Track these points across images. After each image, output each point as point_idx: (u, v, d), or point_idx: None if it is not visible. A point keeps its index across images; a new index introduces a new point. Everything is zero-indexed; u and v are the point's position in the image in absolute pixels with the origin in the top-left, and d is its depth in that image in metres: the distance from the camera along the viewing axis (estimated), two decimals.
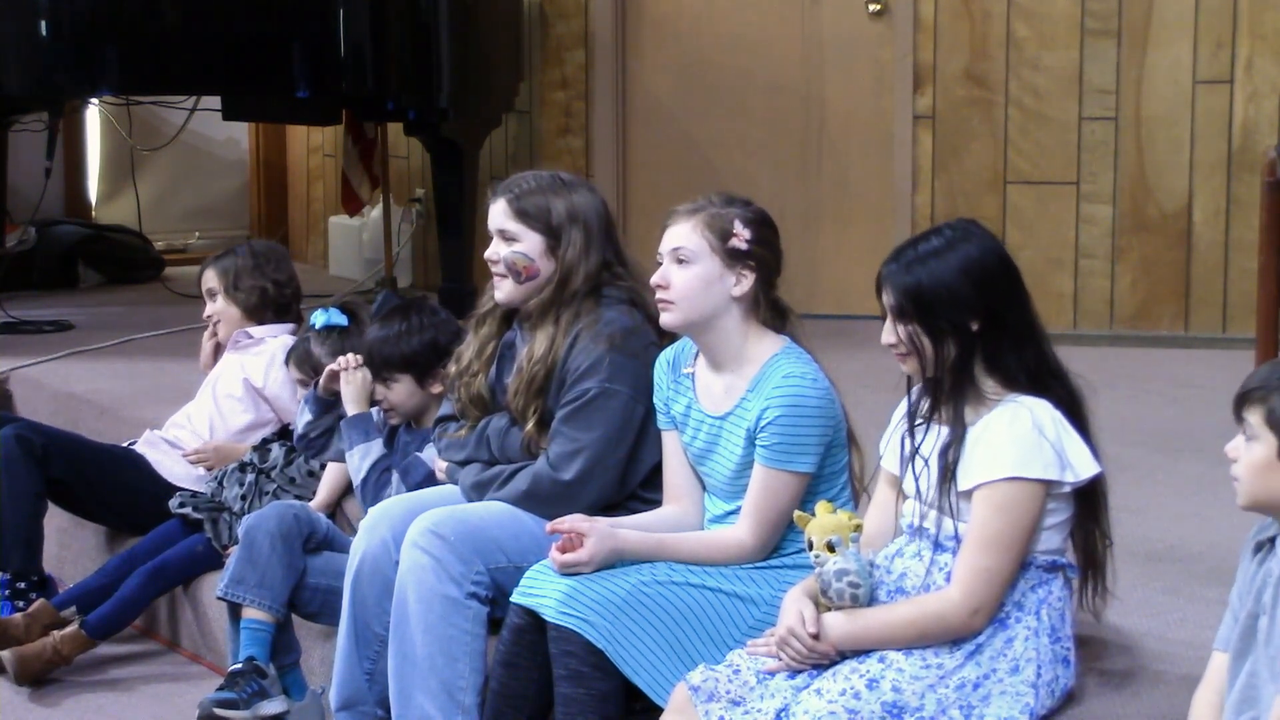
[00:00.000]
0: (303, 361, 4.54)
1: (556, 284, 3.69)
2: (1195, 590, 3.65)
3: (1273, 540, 2.68)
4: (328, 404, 4.33)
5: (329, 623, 4.02)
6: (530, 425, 3.68)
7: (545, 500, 3.62)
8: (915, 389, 3.15)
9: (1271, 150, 5.10)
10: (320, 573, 4.07)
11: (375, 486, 4.09)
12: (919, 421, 3.11)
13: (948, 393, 3.05)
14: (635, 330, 3.67)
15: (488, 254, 3.77)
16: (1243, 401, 2.65)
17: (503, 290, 3.77)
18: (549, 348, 3.66)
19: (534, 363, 3.67)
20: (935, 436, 3.08)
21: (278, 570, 4.01)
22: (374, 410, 4.22)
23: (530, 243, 3.72)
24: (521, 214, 3.72)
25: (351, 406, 4.21)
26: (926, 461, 3.07)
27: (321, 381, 4.31)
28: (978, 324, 3.04)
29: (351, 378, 4.23)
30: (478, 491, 3.73)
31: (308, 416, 4.37)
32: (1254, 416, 2.62)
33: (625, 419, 3.63)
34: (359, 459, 4.12)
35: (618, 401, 3.62)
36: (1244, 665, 2.67)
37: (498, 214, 3.76)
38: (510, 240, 3.73)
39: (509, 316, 3.84)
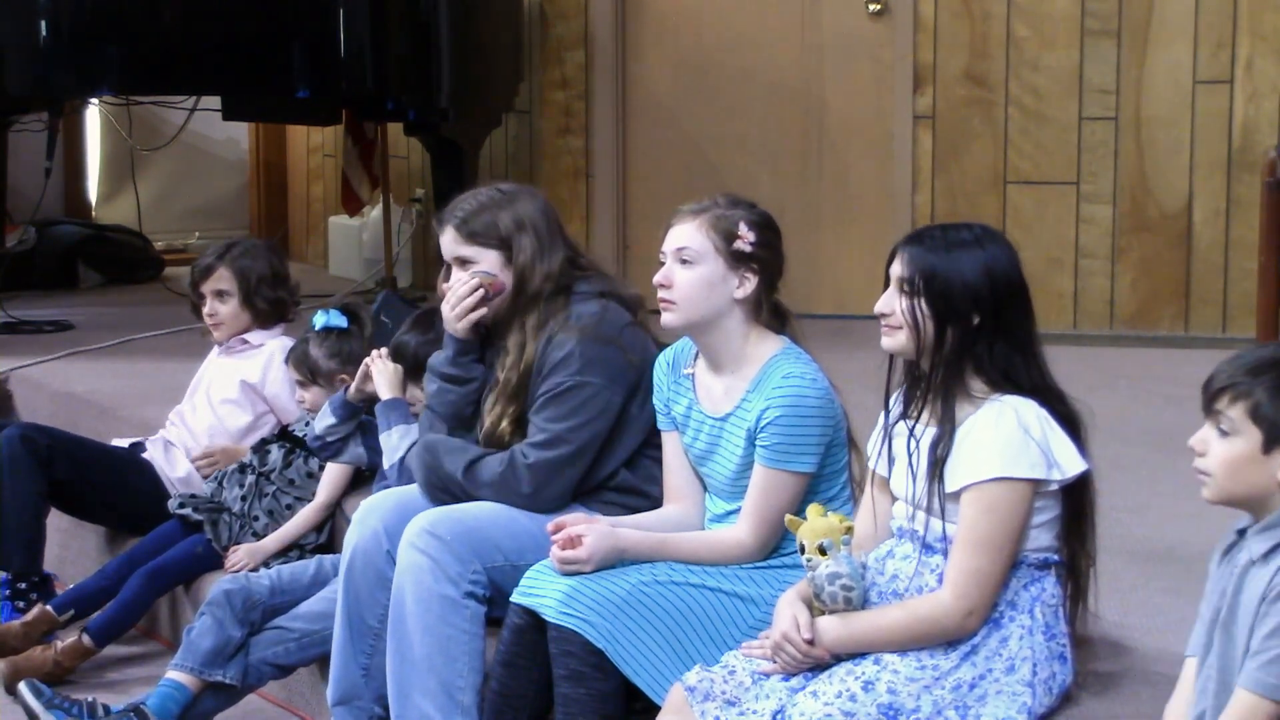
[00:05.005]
0: (302, 362, 4.54)
1: (514, 291, 3.71)
2: (1195, 590, 3.61)
3: (1242, 532, 2.67)
4: (354, 409, 4.30)
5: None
6: (505, 424, 3.69)
7: (511, 489, 3.61)
8: (896, 391, 3.14)
9: (1271, 150, 5.12)
10: (268, 643, 4.08)
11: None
12: (904, 417, 3.10)
13: (937, 387, 3.04)
14: (605, 318, 3.67)
15: (450, 283, 3.76)
16: (1218, 395, 2.64)
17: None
18: (520, 354, 3.68)
19: (508, 370, 3.69)
20: (922, 434, 3.07)
21: (207, 639, 4.03)
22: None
23: (488, 260, 3.73)
24: (472, 236, 3.74)
25: (386, 392, 4.15)
26: (915, 459, 3.07)
27: (355, 385, 4.25)
28: (979, 318, 3.03)
29: (384, 367, 4.19)
30: (429, 453, 3.71)
31: (330, 420, 4.31)
32: (1234, 411, 2.61)
33: (599, 409, 3.63)
34: (398, 439, 4.06)
35: (589, 392, 3.62)
36: (1205, 665, 2.67)
37: (449, 243, 3.76)
38: (468, 264, 3.74)
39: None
